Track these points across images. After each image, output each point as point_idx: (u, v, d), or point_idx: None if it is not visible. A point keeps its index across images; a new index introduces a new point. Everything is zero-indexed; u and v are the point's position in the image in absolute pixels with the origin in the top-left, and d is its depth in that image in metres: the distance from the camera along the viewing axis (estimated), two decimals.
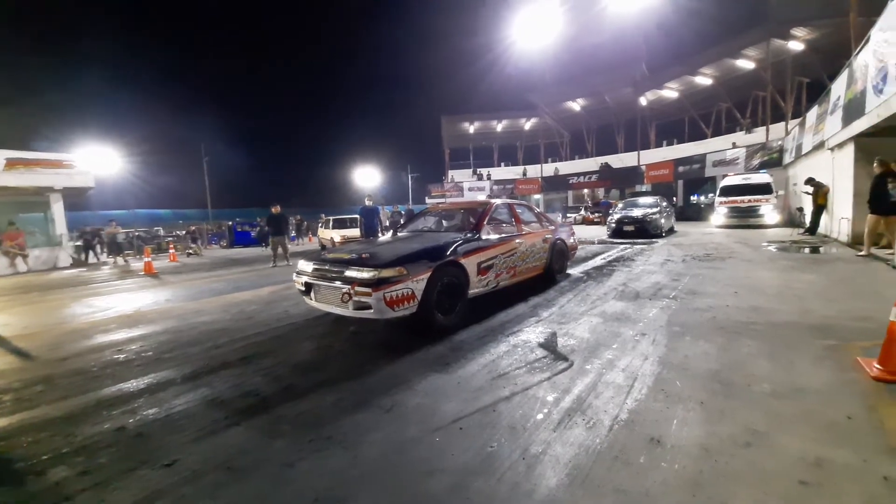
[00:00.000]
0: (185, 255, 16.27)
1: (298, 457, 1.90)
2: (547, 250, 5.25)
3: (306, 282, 3.75)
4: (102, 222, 17.39)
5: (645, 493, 1.53)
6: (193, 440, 2.10)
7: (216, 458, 1.92)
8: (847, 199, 8.60)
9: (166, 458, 1.95)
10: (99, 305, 5.98)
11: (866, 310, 3.51)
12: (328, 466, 1.82)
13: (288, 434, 2.11)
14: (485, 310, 4.18)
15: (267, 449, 1.99)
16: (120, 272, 11.02)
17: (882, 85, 6.07)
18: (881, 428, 1.88)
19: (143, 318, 4.98)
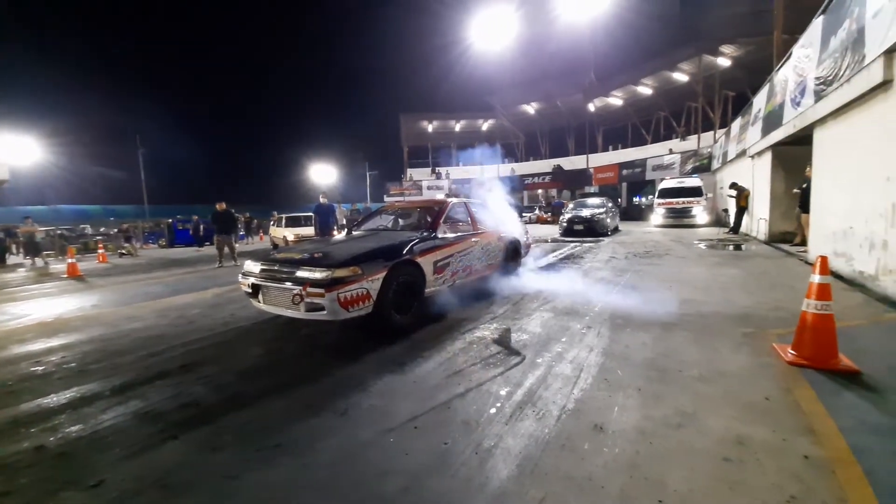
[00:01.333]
0: (118, 256, 14.90)
1: (244, 468, 1.81)
2: (503, 249, 5.37)
3: (253, 283, 3.57)
4: (19, 219, 15.47)
5: (588, 478, 1.62)
6: (124, 457, 1.93)
7: (150, 476, 1.78)
8: (765, 202, 9.58)
9: (93, 477, 1.78)
10: (13, 312, 5.32)
11: (781, 300, 3.92)
12: (276, 476, 1.75)
13: (232, 445, 2.00)
14: (441, 308, 4.21)
15: (208, 462, 1.87)
16: (38, 275, 9.88)
17: (800, 98, 6.80)
18: (797, 408, 2.11)
19: (65, 325, 4.50)
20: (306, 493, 1.63)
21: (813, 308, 2.61)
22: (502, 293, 4.88)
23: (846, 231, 5.04)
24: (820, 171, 6.26)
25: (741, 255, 7.58)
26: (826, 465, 1.64)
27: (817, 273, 2.64)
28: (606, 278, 5.51)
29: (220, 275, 8.21)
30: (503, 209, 5.81)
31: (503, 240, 5.42)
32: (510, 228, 5.72)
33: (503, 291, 4.95)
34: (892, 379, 2.38)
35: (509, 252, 5.55)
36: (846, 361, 2.54)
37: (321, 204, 9.62)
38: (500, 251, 5.31)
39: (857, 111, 4.83)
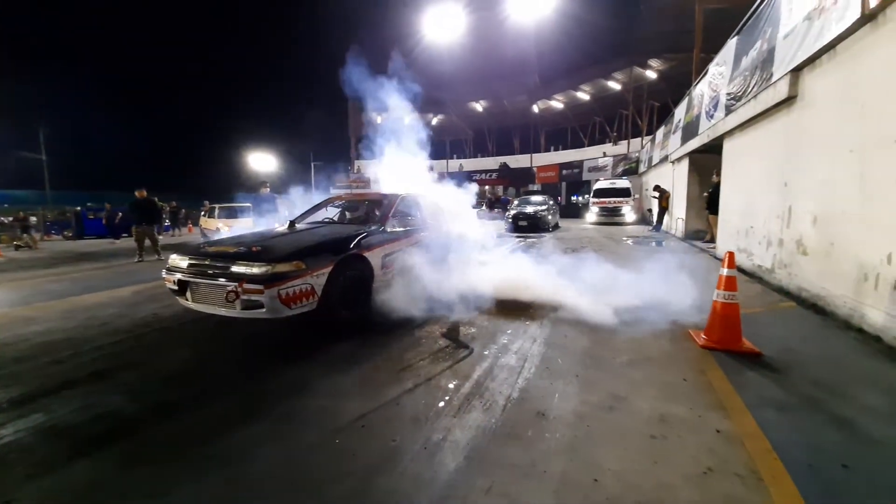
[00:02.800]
0: (13, 249, 12.90)
1: (171, 484, 1.65)
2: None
3: (180, 279, 3.26)
4: None
5: (532, 464, 1.70)
6: (29, 477, 1.69)
7: (60, 497, 1.58)
8: (682, 203, 10.62)
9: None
10: None
11: (696, 291, 4.35)
12: (209, 490, 1.62)
13: (156, 459, 1.82)
14: (390, 304, 4.14)
15: (128, 479, 1.69)
16: None
17: (713, 111, 7.59)
18: (710, 387, 2.37)
19: None
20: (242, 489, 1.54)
21: (721, 297, 2.95)
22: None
23: (748, 230, 5.74)
24: (728, 176, 7.06)
25: (662, 250, 8.35)
26: (737, 439, 1.86)
27: (725, 267, 2.99)
28: (549, 272, 5.78)
29: (141, 270, 7.42)
30: (458, 204, 5.84)
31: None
32: (463, 224, 5.76)
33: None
34: (787, 359, 2.76)
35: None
36: (748, 344, 2.91)
37: (262, 194, 9.05)
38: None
39: (761, 124, 5.50)
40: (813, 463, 1.69)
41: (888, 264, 2.89)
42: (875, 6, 3.01)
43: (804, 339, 3.17)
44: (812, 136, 4.19)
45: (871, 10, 3.06)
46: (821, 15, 3.75)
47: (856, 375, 2.57)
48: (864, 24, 3.22)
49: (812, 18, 3.93)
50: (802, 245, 4.22)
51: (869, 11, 3.08)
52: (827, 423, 2.00)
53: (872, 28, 3.16)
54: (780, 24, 4.72)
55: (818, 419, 2.03)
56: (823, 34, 3.70)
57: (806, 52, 4.04)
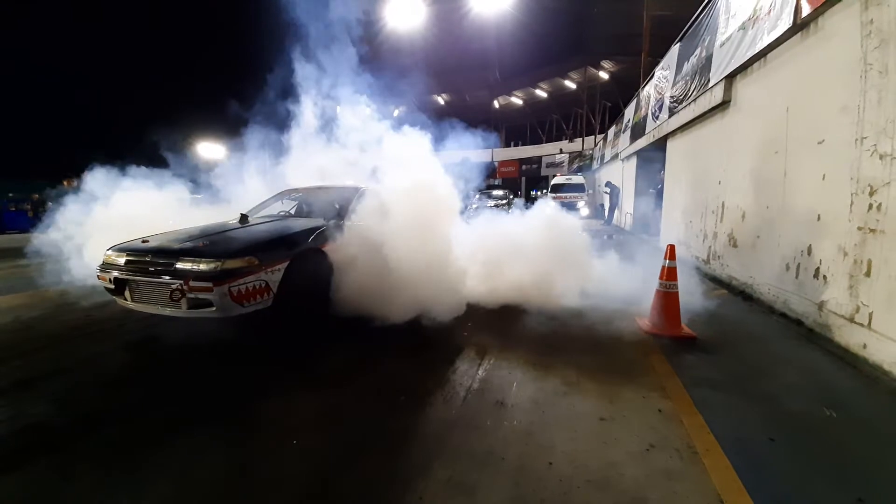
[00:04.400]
0: None
1: (107, 497, 1.55)
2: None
3: (117, 277, 3.01)
4: None
5: (490, 452, 1.75)
6: None
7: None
8: (631, 199, 11.25)
9: None
10: None
11: (644, 280, 4.62)
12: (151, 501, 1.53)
13: (92, 472, 1.69)
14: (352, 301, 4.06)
15: (61, 495, 1.56)
16: None
17: (658, 112, 8.07)
18: (652, 369, 2.55)
19: None
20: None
21: (664, 287, 3.17)
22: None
23: (687, 224, 6.20)
24: (670, 174, 7.56)
25: (613, 243, 8.81)
26: (675, 417, 2.02)
27: (666, 258, 3.22)
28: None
29: (71, 268, 6.76)
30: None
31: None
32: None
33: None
34: (719, 342, 3.03)
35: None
36: (687, 329, 3.15)
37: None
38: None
39: (700, 126, 5.93)
40: (742, 436, 1.87)
41: (808, 255, 3.23)
42: (807, 15, 3.24)
43: (734, 324, 3.48)
44: (743, 137, 4.57)
45: (803, 20, 3.29)
46: (755, 24, 4.06)
47: (779, 356, 2.86)
48: (796, 34, 3.49)
49: (746, 28, 4.25)
50: (733, 238, 4.62)
51: (801, 21, 3.32)
52: (754, 399, 2.21)
53: (802, 37, 3.44)
54: (717, 32, 5.08)
55: (746, 396, 2.25)
56: (756, 43, 4.02)
57: (739, 59, 4.39)
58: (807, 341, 3.04)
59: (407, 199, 3.74)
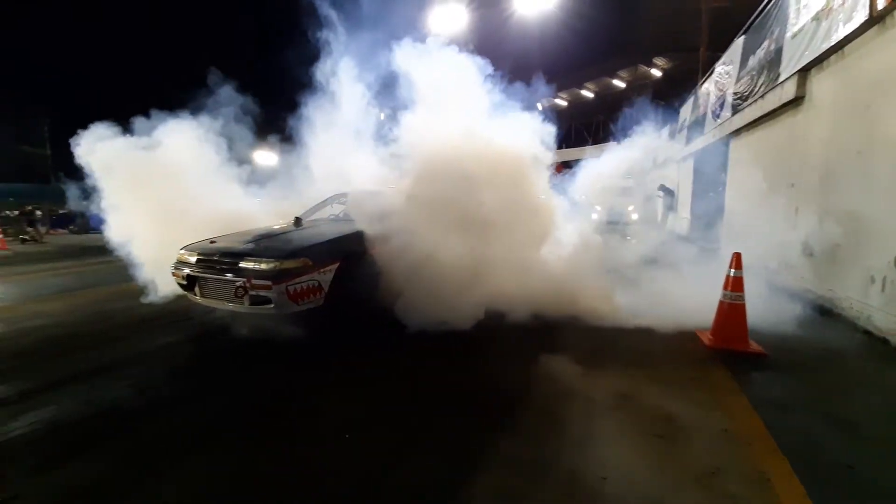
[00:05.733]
0: (20, 242, 12.97)
1: (169, 479, 1.68)
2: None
3: (189, 274, 3.28)
4: None
5: (538, 461, 1.70)
6: (38, 470, 1.72)
7: (68, 491, 1.60)
8: (687, 203, 10.59)
9: (3, 492, 1.56)
10: None
11: (704, 290, 4.31)
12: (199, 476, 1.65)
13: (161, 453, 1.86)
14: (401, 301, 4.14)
15: (135, 472, 1.72)
16: None
17: (719, 110, 7.56)
18: (716, 387, 2.37)
19: None
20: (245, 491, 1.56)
21: (728, 298, 2.95)
22: None
23: (754, 230, 5.72)
24: (733, 176, 7.03)
25: (667, 250, 8.32)
26: (743, 439, 1.86)
27: (732, 268, 2.98)
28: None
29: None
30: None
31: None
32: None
33: None
34: (792, 360, 2.76)
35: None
36: (754, 345, 2.90)
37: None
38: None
39: (768, 124, 5.48)
40: (819, 463, 1.70)
41: (895, 266, 2.88)
42: (882, 9, 2.99)
43: (809, 341, 3.16)
44: (819, 136, 4.17)
45: (879, 12, 3.03)
46: (828, 16, 3.73)
47: (861, 377, 2.57)
48: (872, 27, 3.20)
49: (820, 19, 3.90)
50: (808, 246, 4.20)
51: (877, 13, 3.05)
52: (833, 424, 2.00)
53: (880, 30, 3.14)
54: (787, 23, 4.69)
55: (824, 420, 2.03)
56: (831, 35, 3.68)
57: (814, 52, 4.02)
58: (893, 362, 2.71)
59: (454, 204, 3.64)
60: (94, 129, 4.76)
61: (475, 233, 3.46)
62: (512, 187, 3.78)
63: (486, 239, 3.51)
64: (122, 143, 4.78)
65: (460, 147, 3.65)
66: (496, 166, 3.73)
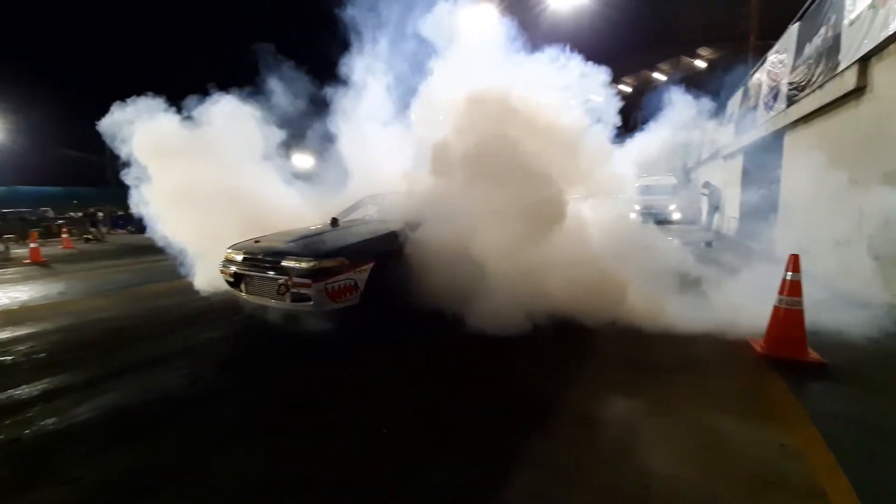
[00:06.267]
0: (83, 241, 14.16)
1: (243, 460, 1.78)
2: None
3: (236, 272, 3.46)
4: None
5: (577, 467, 1.67)
6: (100, 452, 1.87)
7: (127, 472, 1.73)
8: (736, 201, 9.98)
9: (70, 472, 1.71)
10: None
11: (755, 294, 4.05)
12: (248, 467, 1.73)
13: (210, 441, 1.97)
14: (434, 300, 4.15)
15: (190, 457, 1.84)
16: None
17: (773, 102, 7.08)
18: (770, 398, 2.23)
19: (31, 314, 4.27)
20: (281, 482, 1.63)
21: (784, 303, 2.75)
22: None
23: (811, 230, 5.30)
24: (788, 172, 6.56)
25: (713, 251, 7.89)
26: (799, 452, 1.74)
27: (788, 270, 2.78)
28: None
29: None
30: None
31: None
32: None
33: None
34: (856, 371, 2.54)
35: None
36: (814, 354, 2.70)
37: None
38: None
39: (827, 116, 5.07)
40: (880, 481, 1.57)
41: None
42: None
43: (876, 351, 2.90)
44: (883, 129, 3.83)
45: None
46: (885, 4, 3.50)
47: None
48: None
49: (876, 7, 3.67)
50: (873, 248, 3.86)
51: None
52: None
53: None
54: (844, 10, 4.36)
55: (887, 436, 1.87)
56: (889, 23, 3.43)
57: (873, 40, 3.73)
58: None
59: (490, 204, 3.59)
60: (146, 135, 5.05)
61: (527, 231, 3.37)
62: (565, 181, 3.70)
63: (537, 237, 3.41)
64: (173, 146, 5.00)
65: (518, 139, 3.56)
66: (552, 159, 3.67)
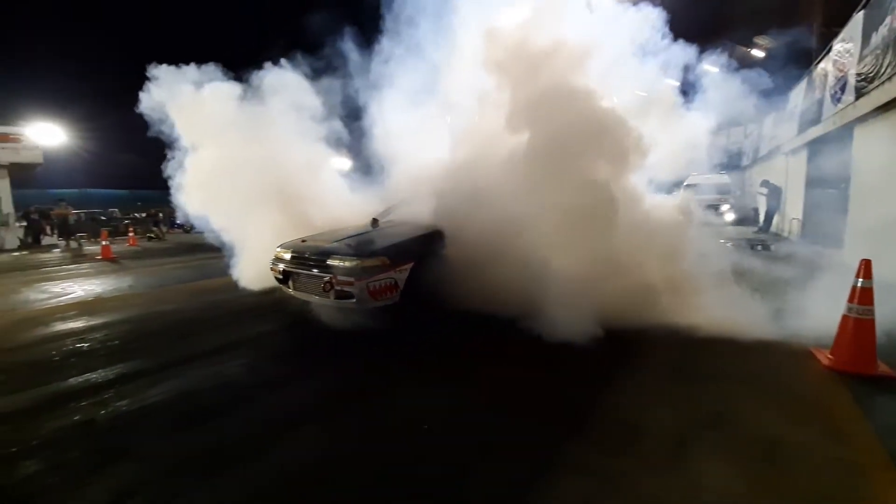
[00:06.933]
0: (146, 240, 15.41)
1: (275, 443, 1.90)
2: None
3: (284, 270, 3.66)
4: (51, 202, 16.04)
5: (623, 475, 1.63)
6: (170, 432, 2.05)
7: (197, 451, 1.88)
8: (798, 201, 9.23)
9: (142, 451, 1.89)
10: (54, 291, 5.60)
11: (817, 303, 3.74)
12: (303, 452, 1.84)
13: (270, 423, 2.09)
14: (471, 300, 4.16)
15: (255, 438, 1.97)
16: (73, 256, 10.32)
17: (840, 94, 6.49)
18: (832, 412, 2.08)
19: (104, 305, 4.72)
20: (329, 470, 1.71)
21: (854, 312, 2.53)
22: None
23: (886, 234, 4.82)
24: (860, 170, 5.99)
25: (772, 255, 7.36)
26: (862, 469, 1.62)
27: (859, 277, 2.56)
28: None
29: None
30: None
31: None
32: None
33: None
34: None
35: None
36: (884, 367, 2.47)
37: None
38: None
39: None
40: None
41: None
42: None
43: None
44: None
45: None
46: None
47: None
48: None
49: None
50: None
51: None
52: None
53: None
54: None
55: None
56: None
57: None
58: None
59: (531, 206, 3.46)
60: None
61: (589, 228, 3.25)
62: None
63: (603, 234, 3.28)
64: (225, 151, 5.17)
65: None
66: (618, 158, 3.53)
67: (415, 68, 5.32)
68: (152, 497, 1.59)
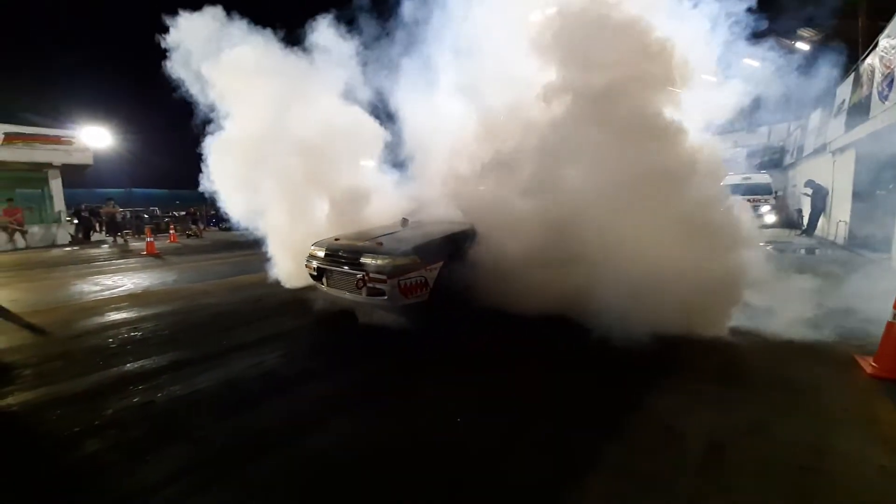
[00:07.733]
0: (185, 237, 16.21)
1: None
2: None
3: (318, 267, 3.80)
4: (99, 200, 17.13)
5: (657, 476, 1.64)
6: (220, 416, 2.19)
7: (243, 435, 2.01)
8: (846, 203, 8.72)
9: (196, 432, 2.04)
10: (107, 284, 6.01)
11: (861, 309, 3.57)
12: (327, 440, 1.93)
13: (304, 412, 2.22)
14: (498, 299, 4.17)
15: (297, 425, 2.09)
16: (120, 251, 11.00)
17: (888, 91, 6.13)
18: (876, 420, 2.00)
19: (152, 297, 5.03)
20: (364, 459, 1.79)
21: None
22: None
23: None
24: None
25: (816, 259, 7.01)
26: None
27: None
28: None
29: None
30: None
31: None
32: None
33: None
34: None
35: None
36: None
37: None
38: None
39: None
40: None
41: None
42: None
43: None
44: None
45: None
46: None
47: None
48: None
49: None
50: None
51: None
52: None
53: None
54: None
55: None
56: None
57: None
58: None
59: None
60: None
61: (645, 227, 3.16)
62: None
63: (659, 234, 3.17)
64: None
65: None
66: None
67: (444, 58, 5.18)
68: (209, 476, 1.72)
